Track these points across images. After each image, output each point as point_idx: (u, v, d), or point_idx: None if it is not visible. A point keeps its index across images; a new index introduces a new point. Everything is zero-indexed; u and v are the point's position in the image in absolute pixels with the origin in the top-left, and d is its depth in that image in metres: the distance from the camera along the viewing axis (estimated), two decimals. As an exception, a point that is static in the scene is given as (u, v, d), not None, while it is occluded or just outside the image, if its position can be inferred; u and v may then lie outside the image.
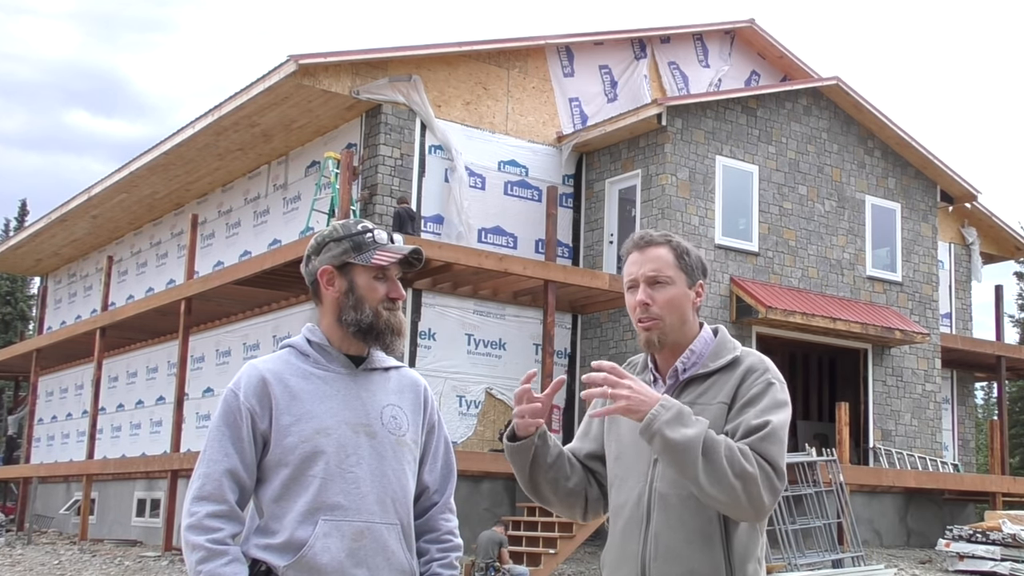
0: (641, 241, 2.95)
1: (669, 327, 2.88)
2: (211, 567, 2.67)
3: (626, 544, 2.84)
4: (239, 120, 18.69)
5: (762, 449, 2.66)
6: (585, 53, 20.07)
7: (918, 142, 20.75)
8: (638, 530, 2.80)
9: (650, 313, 2.87)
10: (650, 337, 2.88)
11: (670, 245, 2.93)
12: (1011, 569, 16.23)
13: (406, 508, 2.89)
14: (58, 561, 16.60)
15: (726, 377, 2.84)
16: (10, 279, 44.82)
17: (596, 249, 19.13)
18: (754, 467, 2.62)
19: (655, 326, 2.87)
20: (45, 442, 27.97)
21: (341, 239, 2.93)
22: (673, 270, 2.90)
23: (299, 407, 2.82)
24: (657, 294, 2.88)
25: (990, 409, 46.83)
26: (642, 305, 2.88)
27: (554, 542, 14.50)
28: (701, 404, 2.81)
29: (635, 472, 2.86)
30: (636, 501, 2.83)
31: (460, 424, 17.55)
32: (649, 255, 2.92)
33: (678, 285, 2.90)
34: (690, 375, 2.88)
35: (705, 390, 2.84)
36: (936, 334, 21.08)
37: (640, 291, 2.89)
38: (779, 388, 2.80)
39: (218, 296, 18.41)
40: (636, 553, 2.81)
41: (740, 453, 2.63)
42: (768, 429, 2.68)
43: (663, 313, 2.87)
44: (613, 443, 2.96)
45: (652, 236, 2.95)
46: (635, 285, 2.92)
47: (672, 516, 2.77)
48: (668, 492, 2.78)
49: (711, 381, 2.85)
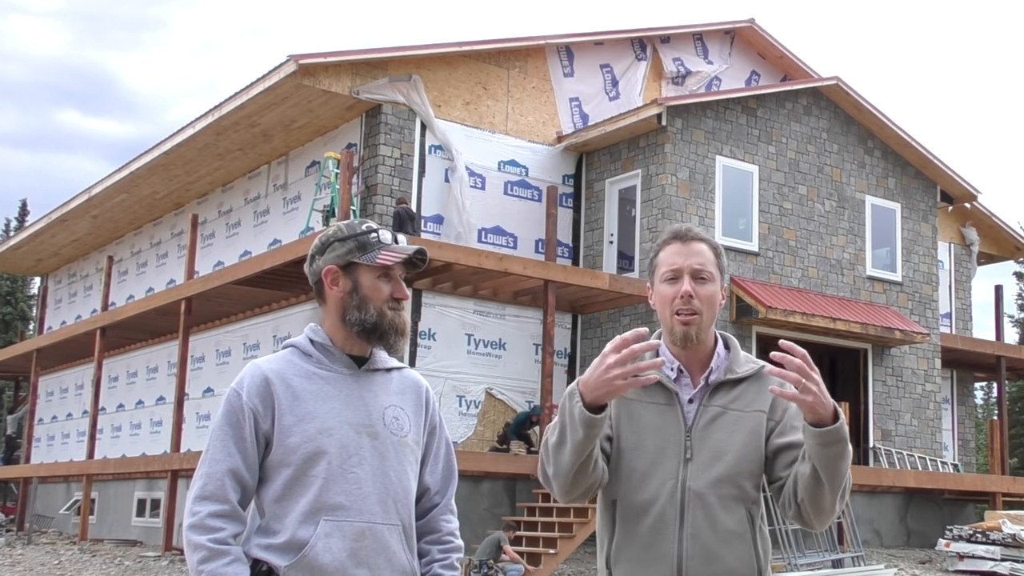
0: (687, 234, 2.92)
1: (705, 323, 2.87)
2: (213, 567, 2.67)
3: (658, 543, 2.78)
4: (239, 120, 18.70)
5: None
6: (585, 53, 20.07)
7: (918, 142, 20.76)
8: (672, 529, 2.76)
9: (692, 306, 2.84)
10: (688, 332, 2.84)
11: (710, 243, 2.94)
12: (1011, 569, 16.24)
13: (407, 509, 2.88)
14: (58, 561, 16.60)
15: (757, 388, 2.85)
16: (10, 279, 44.82)
17: (596, 249, 19.13)
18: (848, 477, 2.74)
19: (695, 321, 2.84)
20: (45, 442, 27.97)
21: (346, 239, 2.92)
22: (713, 267, 2.91)
23: (302, 407, 2.81)
24: (700, 288, 2.86)
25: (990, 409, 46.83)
26: (686, 296, 2.84)
27: (554, 542, 14.50)
28: (736, 410, 2.81)
29: (662, 468, 2.81)
30: (668, 499, 2.78)
31: (460, 424, 17.55)
32: (693, 248, 2.90)
33: (716, 283, 2.91)
34: (719, 379, 2.86)
35: (737, 396, 2.84)
36: (936, 334, 21.08)
37: (685, 282, 2.85)
38: None
39: (218, 296, 18.41)
40: (671, 553, 2.76)
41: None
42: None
43: (703, 308, 2.86)
44: (628, 433, 2.86)
45: (695, 230, 2.94)
46: (677, 276, 2.87)
47: (709, 516, 2.76)
48: (705, 491, 2.77)
49: (742, 388, 2.84)
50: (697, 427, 2.82)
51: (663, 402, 2.87)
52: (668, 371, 2.90)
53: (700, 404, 2.85)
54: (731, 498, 2.77)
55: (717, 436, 2.78)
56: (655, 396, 2.87)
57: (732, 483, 2.77)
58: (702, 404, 2.84)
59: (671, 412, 2.85)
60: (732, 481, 2.77)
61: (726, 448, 2.78)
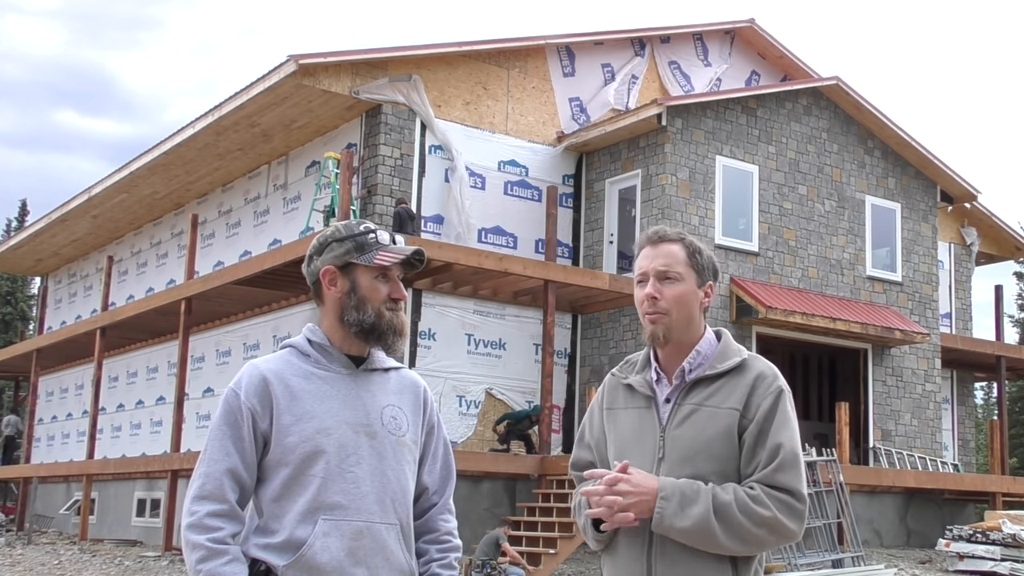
0: (655, 236, 2.97)
1: (675, 323, 2.88)
2: (211, 566, 2.68)
3: (631, 543, 2.83)
4: (239, 120, 18.70)
5: (776, 481, 2.72)
6: (585, 53, 20.07)
7: (918, 142, 20.76)
8: (643, 529, 2.80)
9: (657, 307, 2.88)
10: (655, 330, 2.88)
11: (683, 243, 2.95)
12: (1011, 569, 16.23)
13: (405, 508, 2.89)
14: (58, 561, 16.60)
15: (735, 382, 2.85)
16: (10, 279, 44.83)
17: (596, 249, 19.13)
18: (771, 510, 2.69)
19: (660, 320, 2.88)
20: (45, 442, 27.98)
21: (344, 239, 2.93)
22: (684, 267, 2.92)
23: (300, 407, 2.82)
24: (666, 289, 2.89)
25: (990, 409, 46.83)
26: (650, 299, 2.89)
27: (554, 542, 14.49)
28: (710, 407, 2.82)
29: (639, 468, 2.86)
30: None
31: (460, 424, 17.55)
32: (661, 250, 2.93)
33: (687, 283, 2.91)
34: (697, 376, 2.87)
35: (713, 392, 2.85)
36: (936, 334, 21.08)
37: (649, 284, 2.90)
38: (788, 399, 2.85)
39: (218, 296, 18.41)
40: (641, 553, 2.81)
41: (753, 501, 2.69)
42: (780, 457, 2.74)
43: (670, 308, 2.88)
44: (613, 440, 2.95)
45: (667, 232, 2.97)
46: (645, 279, 2.92)
47: None
48: None
49: (719, 384, 2.85)
50: (671, 426, 2.85)
51: (643, 405, 2.92)
52: (652, 373, 2.94)
53: (675, 403, 2.87)
54: None
55: (689, 434, 2.80)
56: (637, 401, 2.93)
57: (703, 482, 2.77)
58: (676, 402, 2.87)
59: (648, 414, 2.90)
60: (703, 480, 2.77)
61: (697, 447, 2.79)
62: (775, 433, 2.77)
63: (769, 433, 2.77)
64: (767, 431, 2.77)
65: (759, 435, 2.77)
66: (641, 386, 2.92)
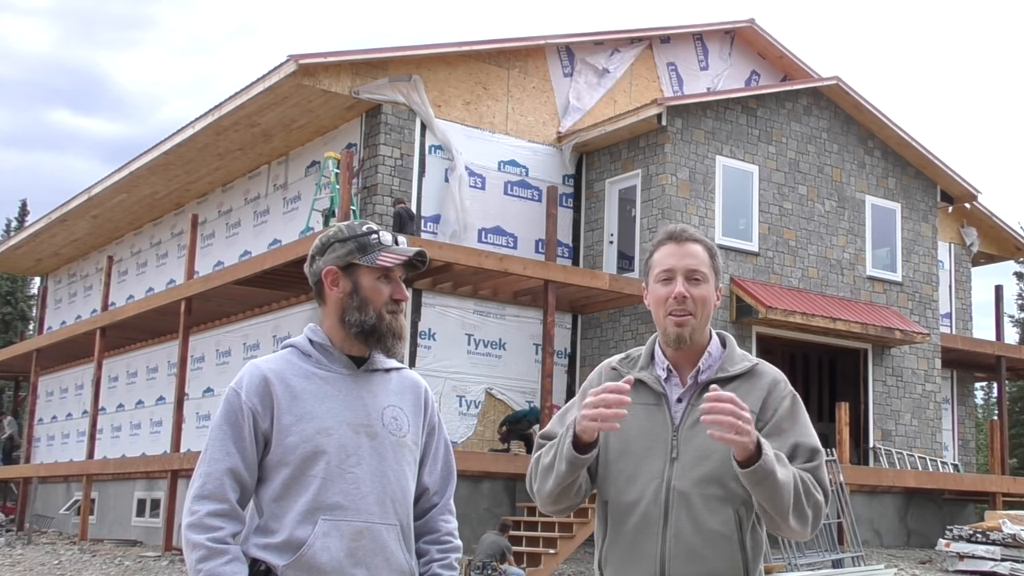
0: (681, 234, 2.94)
1: (699, 324, 2.88)
2: (211, 566, 2.68)
3: (641, 543, 2.80)
4: (239, 120, 18.70)
5: (819, 478, 2.78)
6: (585, 53, 20.07)
7: (918, 142, 20.76)
8: (656, 529, 2.78)
9: (685, 307, 2.86)
10: (682, 333, 2.85)
11: (704, 244, 2.95)
12: (1011, 569, 16.24)
13: (406, 509, 2.89)
14: (58, 561, 16.60)
15: (748, 386, 2.85)
16: (10, 279, 44.81)
17: (596, 249, 19.13)
18: (821, 497, 2.76)
19: (688, 322, 2.86)
20: (45, 442, 27.98)
21: (346, 240, 2.93)
22: (707, 268, 2.91)
23: (300, 407, 2.82)
24: (694, 290, 2.87)
25: (990, 409, 46.83)
26: (680, 298, 2.86)
27: (554, 542, 14.50)
28: None
29: (648, 469, 2.83)
30: (652, 499, 2.80)
31: (460, 424, 17.55)
32: (688, 249, 2.91)
33: (710, 284, 2.91)
34: (710, 377, 2.86)
35: None
36: (936, 334, 21.09)
37: (678, 283, 2.87)
38: (801, 404, 2.91)
39: (218, 296, 18.41)
40: (654, 552, 2.78)
41: (812, 486, 2.74)
42: (820, 459, 2.80)
43: (697, 309, 2.87)
44: (615, 438, 2.89)
45: (690, 231, 2.95)
46: (671, 277, 2.89)
47: (693, 516, 2.77)
48: (689, 491, 2.78)
49: (732, 387, 2.83)
50: (684, 426, 2.83)
51: (652, 403, 2.89)
52: (659, 371, 2.92)
53: (688, 403, 2.86)
54: (716, 499, 2.76)
55: (703, 436, 2.76)
56: (645, 397, 2.89)
57: (718, 483, 2.77)
58: (690, 403, 2.85)
59: (659, 412, 2.87)
60: (718, 481, 2.76)
61: (712, 448, 2.76)
62: (808, 434, 2.83)
63: (797, 429, 2.83)
64: (790, 431, 2.82)
65: (783, 425, 2.82)
66: (653, 383, 2.90)
